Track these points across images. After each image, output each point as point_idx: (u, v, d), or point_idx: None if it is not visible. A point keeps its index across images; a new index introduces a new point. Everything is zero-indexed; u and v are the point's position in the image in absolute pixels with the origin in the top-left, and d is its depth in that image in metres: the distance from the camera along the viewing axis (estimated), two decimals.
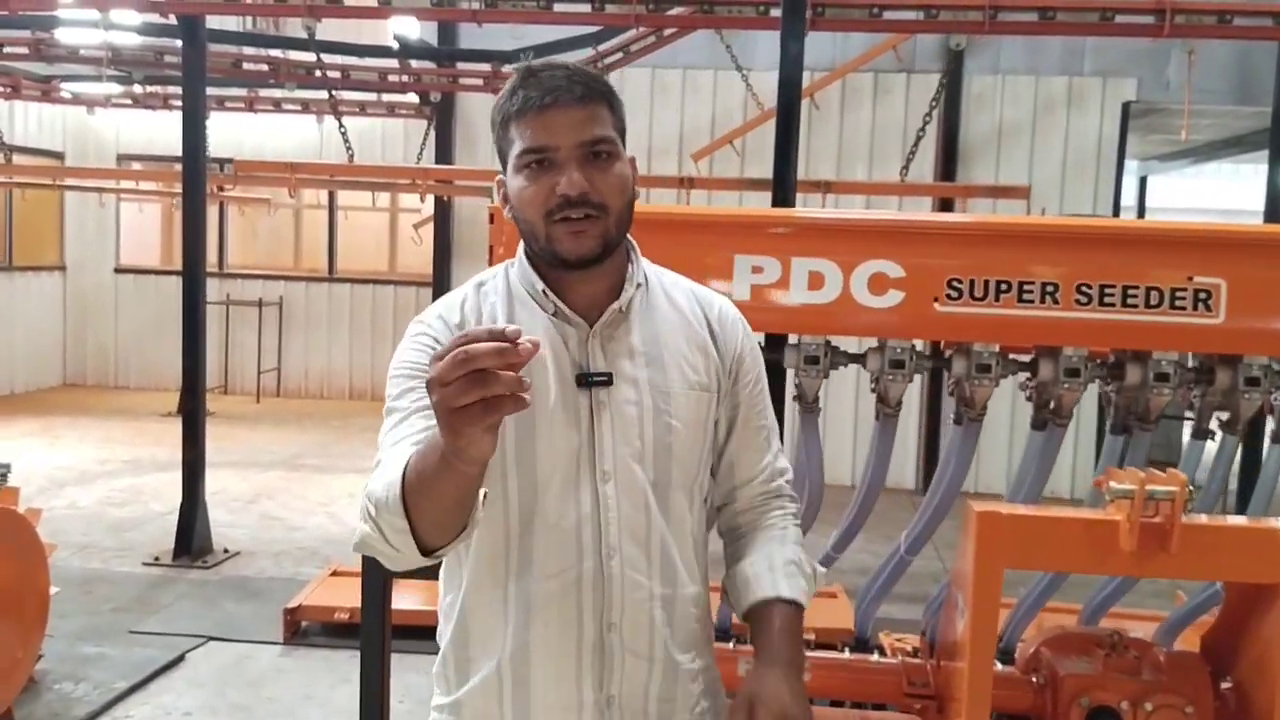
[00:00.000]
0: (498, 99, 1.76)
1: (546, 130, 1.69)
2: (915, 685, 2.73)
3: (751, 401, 1.89)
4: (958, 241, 2.51)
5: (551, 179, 1.69)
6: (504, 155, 1.75)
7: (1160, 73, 9.43)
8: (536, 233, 1.73)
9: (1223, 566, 2.30)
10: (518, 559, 1.74)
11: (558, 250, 1.72)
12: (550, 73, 1.72)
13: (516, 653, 1.74)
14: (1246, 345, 2.47)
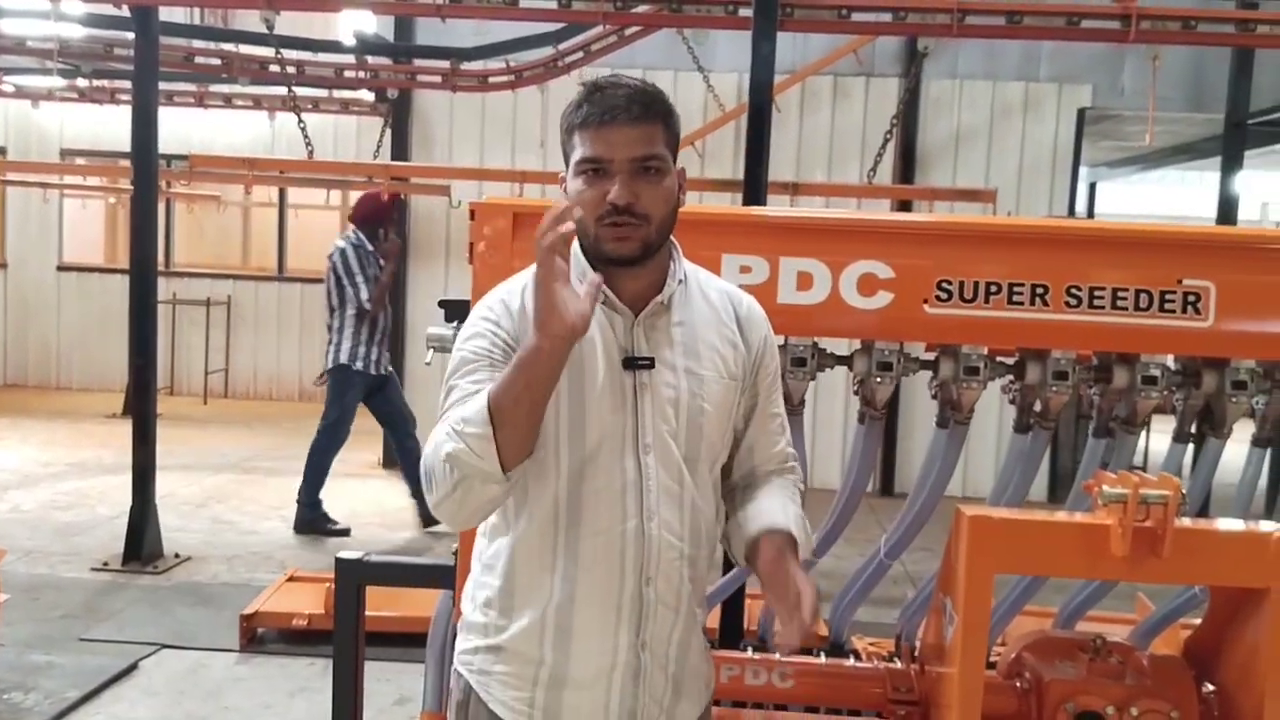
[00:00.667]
0: (566, 108, 1.98)
1: (604, 144, 1.92)
2: (899, 691, 2.70)
3: (769, 392, 2.11)
4: (948, 243, 2.48)
5: (604, 186, 1.92)
6: (567, 159, 1.98)
7: (1115, 80, 9.54)
8: (588, 231, 1.93)
9: (1213, 571, 2.29)
10: (567, 518, 1.95)
11: (604, 248, 1.95)
12: (614, 91, 1.94)
13: (564, 602, 1.95)
14: (1234, 348, 2.47)
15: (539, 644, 1.97)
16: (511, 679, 1.99)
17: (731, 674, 2.76)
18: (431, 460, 1.86)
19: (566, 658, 1.97)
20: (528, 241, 2.43)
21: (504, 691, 2.00)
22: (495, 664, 2.01)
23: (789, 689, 2.77)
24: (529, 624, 1.97)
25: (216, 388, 13.06)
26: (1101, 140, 12.27)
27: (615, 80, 1.99)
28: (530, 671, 1.98)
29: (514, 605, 1.98)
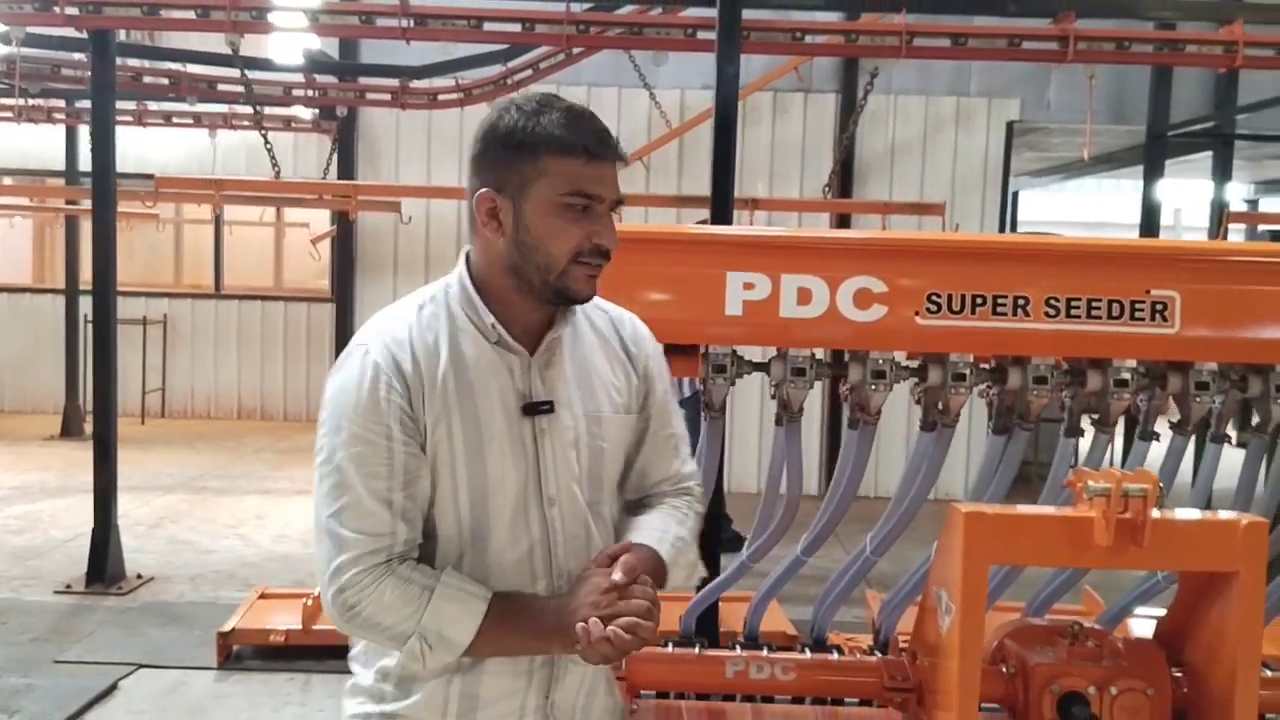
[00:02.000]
0: (515, 120, 1.80)
1: (597, 180, 1.81)
2: (896, 680, 2.85)
3: (660, 413, 2.01)
4: (936, 258, 2.66)
5: (589, 226, 1.81)
6: (519, 180, 1.79)
7: (1042, 94, 9.91)
8: (552, 267, 1.81)
9: (1188, 557, 2.49)
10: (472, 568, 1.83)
11: (570, 288, 1.83)
12: (591, 121, 1.83)
13: (470, 668, 1.84)
14: (1198, 352, 2.67)
15: (442, 713, 1.86)
16: None
17: (737, 669, 2.91)
18: (381, 619, 1.75)
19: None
20: None
21: None
22: None
23: (791, 681, 2.93)
24: (432, 693, 1.85)
25: (154, 408, 12.90)
26: (1026, 151, 12.69)
27: (574, 106, 1.86)
28: None
29: (415, 674, 1.84)
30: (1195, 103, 10.37)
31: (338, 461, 1.77)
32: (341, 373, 1.82)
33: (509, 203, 1.80)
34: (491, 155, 1.82)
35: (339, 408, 1.79)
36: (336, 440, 1.78)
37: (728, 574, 3.24)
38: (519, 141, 1.79)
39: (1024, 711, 2.68)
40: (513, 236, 1.81)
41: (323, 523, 1.78)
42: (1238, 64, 5.81)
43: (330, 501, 1.77)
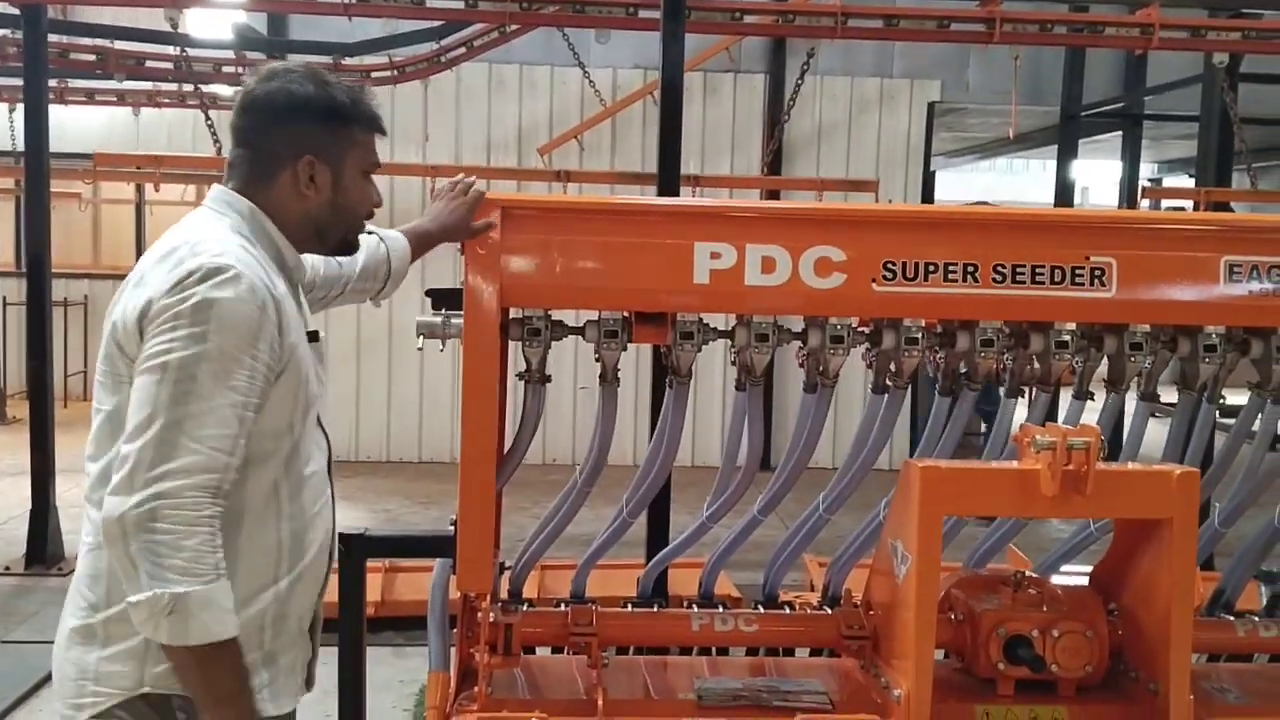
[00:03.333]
0: (323, 93, 2.09)
1: (377, 151, 2.24)
2: (852, 629, 3.00)
3: None
4: (892, 228, 2.79)
5: (373, 189, 2.25)
6: (338, 148, 2.12)
7: (961, 76, 10.18)
8: (355, 226, 2.21)
9: (1127, 505, 2.67)
10: (289, 490, 2.09)
11: (354, 244, 2.27)
12: (369, 96, 2.21)
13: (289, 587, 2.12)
14: (1133, 315, 2.85)
15: (259, 628, 2.04)
16: None
17: (703, 622, 3.04)
18: (163, 536, 1.78)
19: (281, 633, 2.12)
20: (517, 235, 2.67)
21: None
22: None
23: (754, 633, 3.07)
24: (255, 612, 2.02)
25: (76, 390, 12.67)
26: (943, 132, 13.01)
27: (354, 84, 2.23)
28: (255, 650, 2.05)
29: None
30: (1106, 84, 10.74)
31: (195, 370, 1.83)
32: (225, 290, 1.88)
33: (327, 169, 2.10)
34: (309, 124, 2.09)
35: (219, 323, 1.86)
36: (201, 350, 1.84)
37: (687, 534, 3.34)
38: (338, 116, 2.10)
39: (972, 655, 2.85)
40: (329, 199, 2.12)
41: (157, 424, 1.79)
42: (1154, 45, 6.08)
43: (175, 406, 1.81)
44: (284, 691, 2.16)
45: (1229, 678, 3.11)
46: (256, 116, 2.10)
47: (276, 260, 2.10)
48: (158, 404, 1.81)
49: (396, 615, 5.52)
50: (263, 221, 2.09)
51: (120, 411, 1.89)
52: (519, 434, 2.93)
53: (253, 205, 2.09)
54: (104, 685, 1.98)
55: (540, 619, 3.02)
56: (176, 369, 1.83)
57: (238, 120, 2.13)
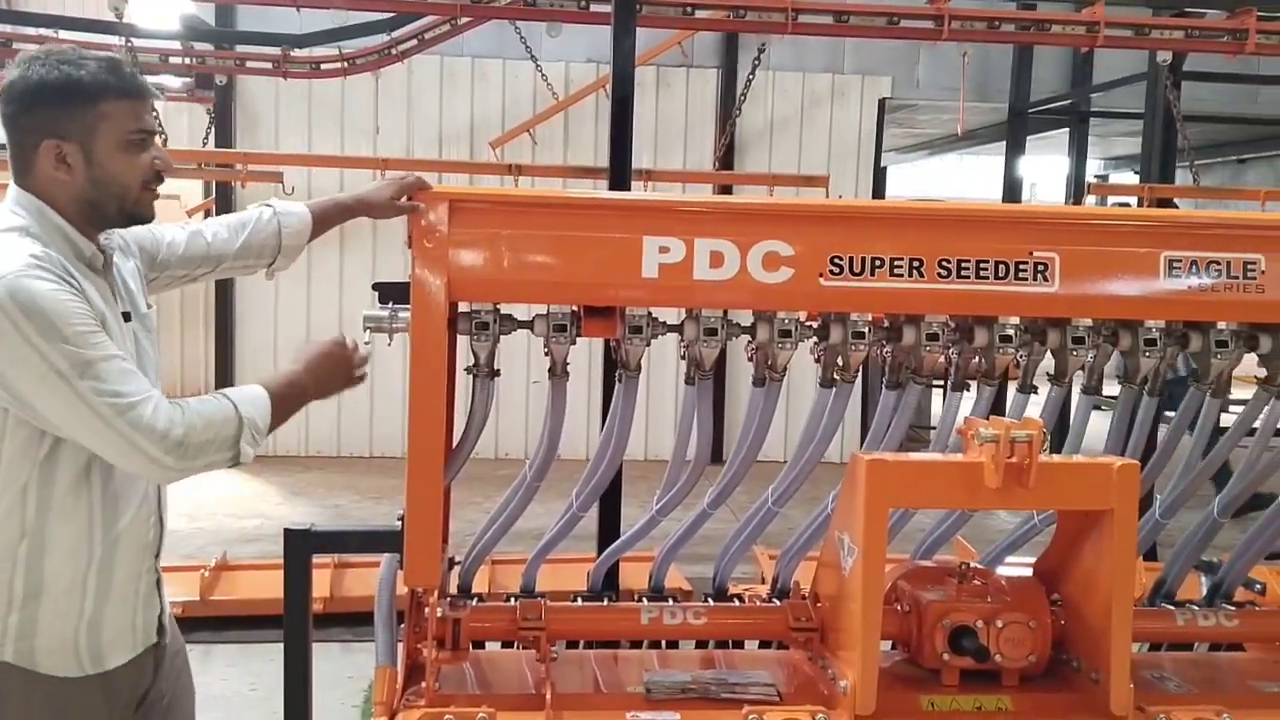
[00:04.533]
0: (67, 74, 2.09)
1: (149, 115, 2.22)
2: (800, 621, 3.02)
3: None
4: (838, 223, 2.81)
5: (149, 155, 2.20)
6: (83, 126, 2.11)
7: (911, 72, 10.26)
8: (127, 196, 2.19)
9: (1069, 496, 2.71)
10: (101, 475, 2.20)
11: (143, 213, 2.25)
12: (124, 67, 2.20)
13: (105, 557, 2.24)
14: (1076, 309, 2.88)
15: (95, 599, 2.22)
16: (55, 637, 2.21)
17: (652, 616, 3.05)
18: (211, 435, 2.11)
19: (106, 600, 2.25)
20: (465, 229, 2.66)
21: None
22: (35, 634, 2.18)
23: (703, 625, 3.08)
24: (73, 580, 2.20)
25: None
26: (894, 128, 13.11)
27: (105, 55, 2.23)
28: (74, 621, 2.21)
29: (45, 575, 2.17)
30: (1053, 82, 10.87)
31: (79, 357, 2.00)
32: (27, 288, 1.99)
33: (75, 147, 2.12)
34: (46, 108, 2.11)
35: (51, 317, 1.99)
36: (66, 347, 1.99)
37: (637, 528, 3.34)
38: (77, 92, 2.10)
39: (918, 646, 2.89)
40: (87, 176, 2.14)
41: (109, 408, 2.00)
42: (1099, 43, 6.17)
43: (99, 385, 2.01)
44: (117, 646, 2.31)
45: (1170, 666, 3.16)
46: (5, 107, 2.16)
47: (73, 252, 2.17)
48: (90, 398, 2.01)
49: (345, 611, 5.48)
50: (52, 217, 2.15)
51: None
52: (467, 428, 2.92)
53: (40, 203, 2.15)
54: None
55: (489, 614, 3.01)
56: (68, 372, 2.00)
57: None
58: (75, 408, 2.00)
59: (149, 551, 2.39)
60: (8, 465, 2.10)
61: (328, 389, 2.41)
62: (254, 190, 9.67)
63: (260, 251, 2.68)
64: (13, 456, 2.10)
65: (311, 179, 9.39)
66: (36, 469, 2.11)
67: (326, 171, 9.40)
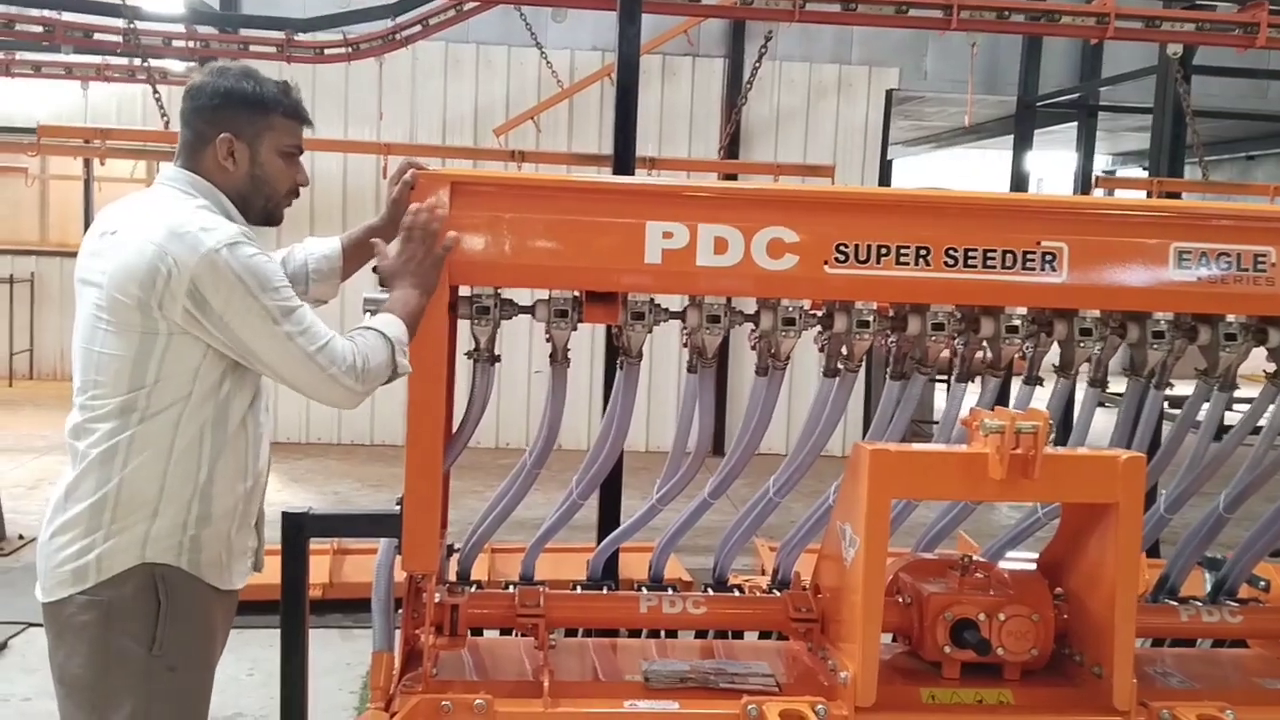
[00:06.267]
0: (250, 86, 2.52)
1: (302, 137, 2.61)
2: (800, 611, 3.00)
3: None
4: (844, 210, 2.77)
5: (296, 170, 2.61)
6: (254, 130, 2.51)
7: (919, 64, 10.20)
8: (273, 198, 2.58)
9: (1073, 489, 2.68)
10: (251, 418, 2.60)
11: (278, 214, 2.62)
12: (295, 91, 2.60)
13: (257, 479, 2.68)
14: (1083, 300, 2.85)
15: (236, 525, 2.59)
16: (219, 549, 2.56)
17: (650, 604, 3.03)
18: (378, 359, 2.46)
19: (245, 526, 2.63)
20: (466, 210, 2.64)
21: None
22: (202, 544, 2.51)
23: (702, 615, 3.05)
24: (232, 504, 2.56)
25: (21, 369, 12.46)
26: (900, 120, 13.05)
27: (283, 81, 2.61)
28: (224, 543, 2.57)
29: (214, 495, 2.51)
30: (1061, 75, 10.81)
31: (284, 307, 2.38)
32: (247, 253, 2.36)
33: (244, 146, 2.51)
34: (230, 110, 2.50)
35: (260, 276, 2.36)
36: (275, 298, 2.37)
37: (637, 517, 3.32)
38: (258, 103, 2.51)
39: (919, 638, 2.86)
40: (247, 172, 2.53)
41: (311, 345, 2.39)
42: (1109, 35, 6.12)
43: (299, 328, 2.39)
44: (238, 569, 2.66)
45: (1172, 662, 3.14)
46: (193, 101, 2.53)
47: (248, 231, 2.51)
48: (288, 343, 2.40)
49: (344, 598, 5.46)
50: (222, 200, 2.52)
51: (144, 356, 2.38)
52: (467, 413, 2.90)
53: (212, 186, 2.52)
54: (108, 562, 2.43)
55: (487, 600, 2.99)
56: (276, 318, 2.38)
57: (182, 105, 2.58)
58: (285, 346, 2.38)
59: (264, 491, 2.76)
60: (196, 405, 2.43)
61: (428, 282, 2.58)
62: None
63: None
64: (202, 397, 2.43)
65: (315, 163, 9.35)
66: (214, 410, 2.46)
67: (330, 156, 9.37)
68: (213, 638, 2.63)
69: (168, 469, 2.45)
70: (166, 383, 2.41)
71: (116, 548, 2.44)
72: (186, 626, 2.51)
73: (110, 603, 2.43)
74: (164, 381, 2.40)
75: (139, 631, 2.45)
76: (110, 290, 2.37)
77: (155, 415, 2.42)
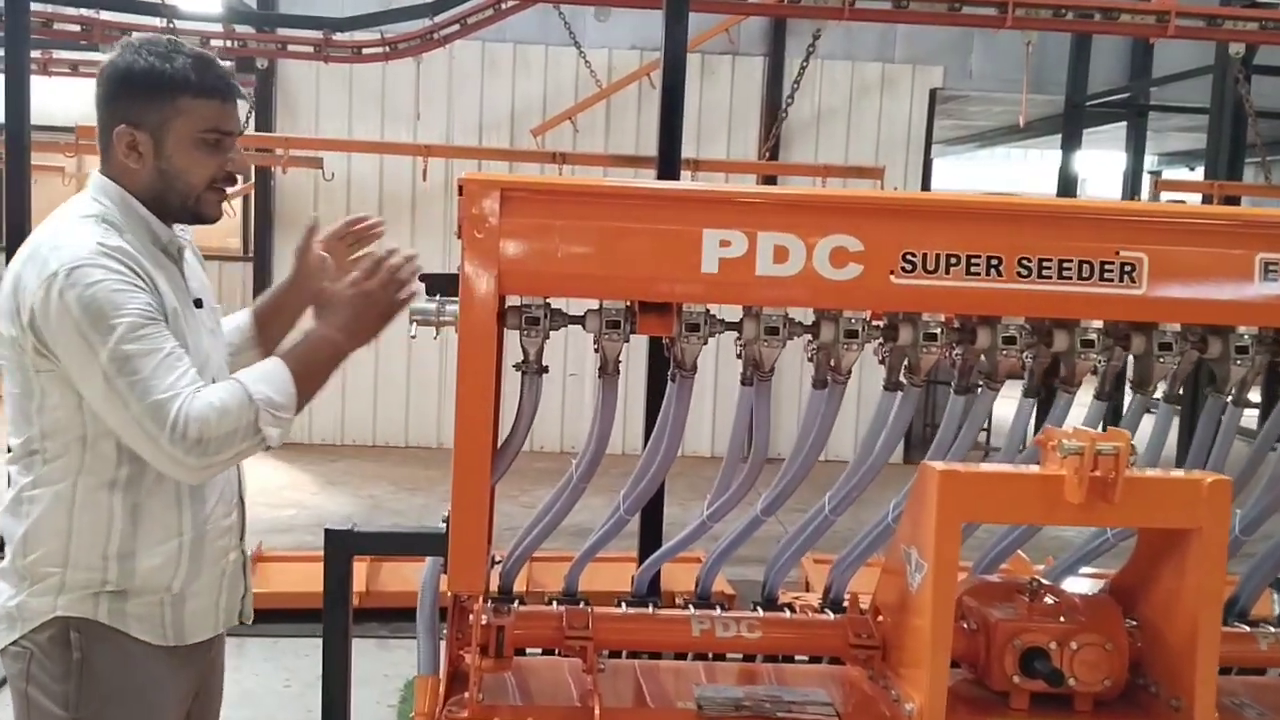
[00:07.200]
0: (147, 62, 2.15)
1: (230, 117, 2.23)
2: (861, 637, 2.88)
3: None
4: (913, 217, 2.65)
5: (222, 156, 2.23)
6: (158, 117, 2.16)
7: (964, 62, 10.04)
8: (191, 193, 2.23)
9: (1155, 514, 2.54)
10: None
11: (205, 211, 2.27)
12: (215, 65, 2.22)
13: (195, 538, 2.36)
14: (1164, 313, 2.72)
15: (174, 567, 2.32)
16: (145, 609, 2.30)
17: (704, 627, 2.92)
18: (226, 426, 2.08)
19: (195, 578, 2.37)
20: (516, 219, 2.52)
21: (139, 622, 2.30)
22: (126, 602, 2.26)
23: (757, 639, 2.94)
24: (168, 554, 2.30)
25: None
26: (943, 120, 12.88)
27: (200, 51, 2.24)
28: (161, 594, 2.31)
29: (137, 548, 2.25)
30: (1108, 74, 10.61)
31: (121, 352, 2.03)
32: (85, 282, 2.04)
33: (147, 136, 2.18)
34: (129, 95, 2.17)
35: (95, 309, 2.03)
36: (110, 340, 2.03)
37: (687, 533, 3.22)
38: (157, 84, 2.14)
39: (986, 667, 2.73)
40: (154, 166, 2.20)
41: (139, 404, 2.02)
42: (1169, 34, 5.95)
43: (134, 380, 2.03)
44: (200, 622, 2.43)
45: (1245, 691, 2.99)
46: (96, 89, 2.24)
47: (151, 238, 2.24)
48: (122, 391, 2.05)
49: (381, 606, 5.38)
50: (133, 204, 2.23)
51: (28, 395, 2.15)
52: (514, 427, 2.80)
53: (122, 190, 2.24)
54: (27, 611, 2.23)
55: (534, 620, 2.89)
56: (108, 362, 2.04)
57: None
58: (109, 397, 2.05)
59: (233, 534, 2.51)
60: (97, 451, 2.17)
61: (364, 335, 2.31)
62: (293, 175, 9.60)
63: None
64: (99, 441, 2.17)
65: (351, 165, 9.31)
66: (122, 456, 2.19)
67: (367, 157, 9.31)
68: (149, 702, 2.34)
69: (72, 523, 2.19)
70: (56, 425, 2.15)
71: (33, 596, 2.23)
72: (109, 688, 2.25)
73: (31, 655, 2.23)
74: (53, 424, 2.15)
75: (54, 689, 2.23)
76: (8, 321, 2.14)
77: (54, 460, 2.17)
